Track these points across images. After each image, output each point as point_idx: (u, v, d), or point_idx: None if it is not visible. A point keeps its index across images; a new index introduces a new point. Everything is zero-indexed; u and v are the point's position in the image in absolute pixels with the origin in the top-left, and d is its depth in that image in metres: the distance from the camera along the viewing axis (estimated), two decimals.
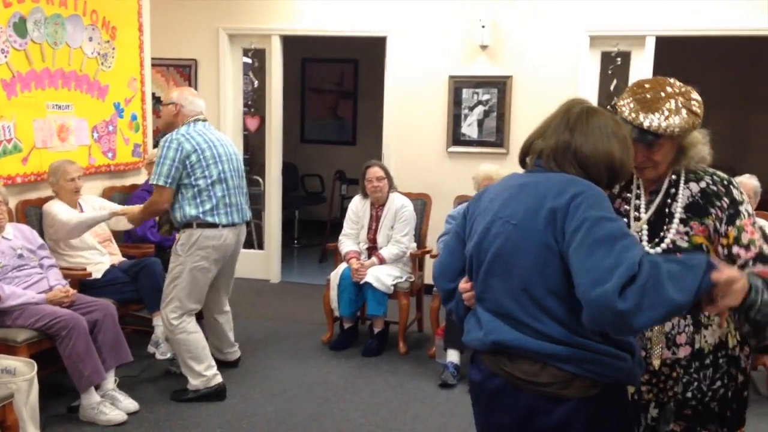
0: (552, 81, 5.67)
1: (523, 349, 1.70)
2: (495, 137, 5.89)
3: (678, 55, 5.96)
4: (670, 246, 1.89)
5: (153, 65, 5.65)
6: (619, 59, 5.71)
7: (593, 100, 5.76)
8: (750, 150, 7.80)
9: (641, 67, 5.59)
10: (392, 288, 4.66)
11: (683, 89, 1.92)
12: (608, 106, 1.95)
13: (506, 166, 4.80)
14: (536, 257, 1.68)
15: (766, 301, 1.66)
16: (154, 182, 3.71)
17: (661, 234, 1.92)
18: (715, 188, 1.92)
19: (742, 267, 1.82)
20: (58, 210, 4.10)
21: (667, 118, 1.85)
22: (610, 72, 5.77)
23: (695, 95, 1.92)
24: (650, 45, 5.56)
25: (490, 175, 4.49)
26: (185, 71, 6.51)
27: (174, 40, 6.35)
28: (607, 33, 5.64)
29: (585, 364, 1.66)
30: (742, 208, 1.89)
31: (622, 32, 5.61)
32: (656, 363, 1.91)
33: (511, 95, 5.82)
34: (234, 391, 4.00)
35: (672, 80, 1.95)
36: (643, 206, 1.98)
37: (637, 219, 1.97)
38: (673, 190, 1.96)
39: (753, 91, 7.99)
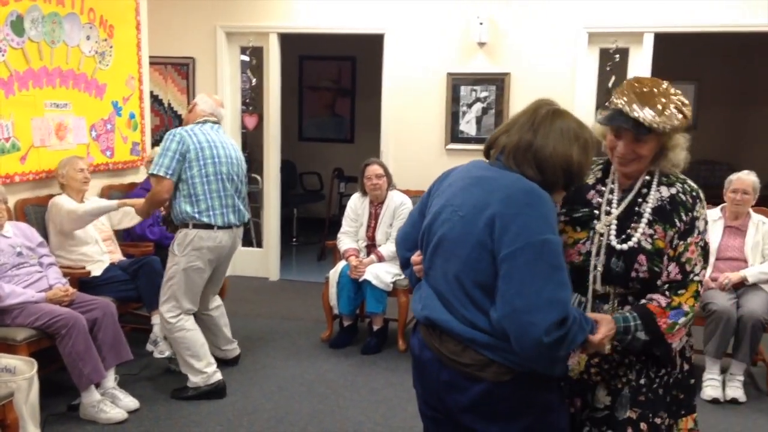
0: (550, 78, 5.67)
1: (449, 330, 1.84)
2: None
3: (676, 51, 5.96)
4: (636, 246, 1.95)
5: (151, 64, 5.65)
6: (617, 56, 5.71)
7: (591, 96, 5.77)
8: (748, 145, 7.81)
9: (639, 63, 5.59)
10: (391, 285, 4.66)
11: (677, 91, 1.97)
12: (606, 103, 1.96)
13: None
14: (471, 251, 1.78)
15: (637, 337, 1.91)
16: (154, 172, 3.71)
17: (628, 231, 1.98)
18: (684, 197, 1.98)
19: (662, 285, 1.96)
20: (64, 201, 4.13)
21: (661, 113, 1.89)
22: (608, 69, 5.77)
23: (685, 99, 1.97)
24: (648, 41, 5.56)
25: None
26: (183, 69, 6.50)
27: (172, 39, 6.34)
28: (605, 30, 5.65)
29: (501, 352, 1.77)
30: (697, 224, 1.96)
31: (620, 29, 5.61)
32: (607, 348, 1.94)
33: (509, 92, 5.83)
34: (234, 388, 4.01)
35: (664, 82, 1.99)
36: (615, 201, 2.03)
37: (608, 213, 2.02)
38: (644, 191, 2.01)
39: (751, 87, 8.00)
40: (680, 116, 1.91)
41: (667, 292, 1.95)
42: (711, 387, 4.01)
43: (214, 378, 3.90)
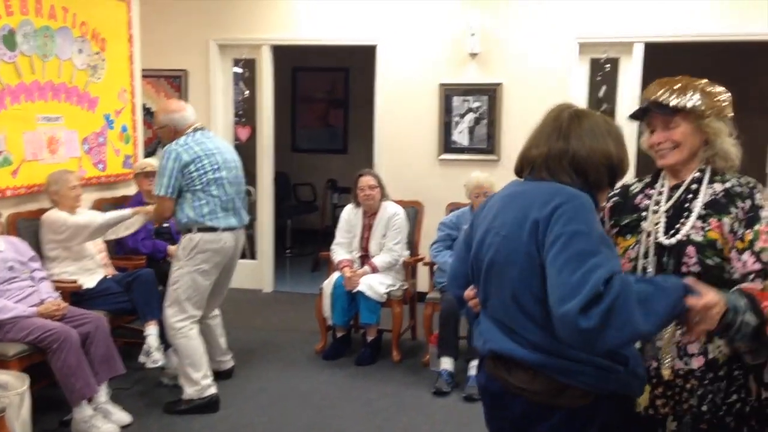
0: (542, 88, 5.69)
1: (515, 359, 1.73)
2: (486, 144, 5.91)
3: (666, 61, 5.99)
4: (684, 239, 1.86)
5: (143, 76, 5.65)
6: (608, 65, 5.75)
7: (583, 105, 5.76)
8: (742, 154, 7.85)
9: (630, 73, 5.63)
10: (385, 296, 4.66)
11: (710, 83, 1.96)
12: (598, 112, 1.97)
13: (497, 174, 4.83)
14: (522, 267, 1.70)
15: (746, 321, 1.66)
16: (156, 192, 3.83)
17: (677, 227, 1.89)
18: (739, 189, 1.89)
19: (742, 278, 1.80)
20: (68, 216, 4.13)
21: (682, 92, 1.89)
22: (599, 78, 5.80)
23: (721, 89, 1.96)
24: (638, 51, 5.60)
25: (481, 184, 4.51)
26: (176, 82, 6.51)
27: (164, 51, 6.35)
28: (596, 40, 5.68)
29: (575, 375, 1.67)
30: (762, 213, 1.85)
31: (611, 39, 5.65)
32: (666, 373, 1.86)
33: (501, 102, 5.85)
34: (228, 402, 3.99)
35: (702, 79, 1.98)
36: (663, 200, 1.96)
37: (656, 212, 1.95)
38: (695, 186, 1.93)
39: (742, 96, 8.04)
40: (705, 97, 1.89)
41: (755, 281, 1.77)
42: None
43: (208, 391, 3.88)
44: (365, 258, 4.85)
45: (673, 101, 1.89)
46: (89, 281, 4.13)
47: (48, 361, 3.46)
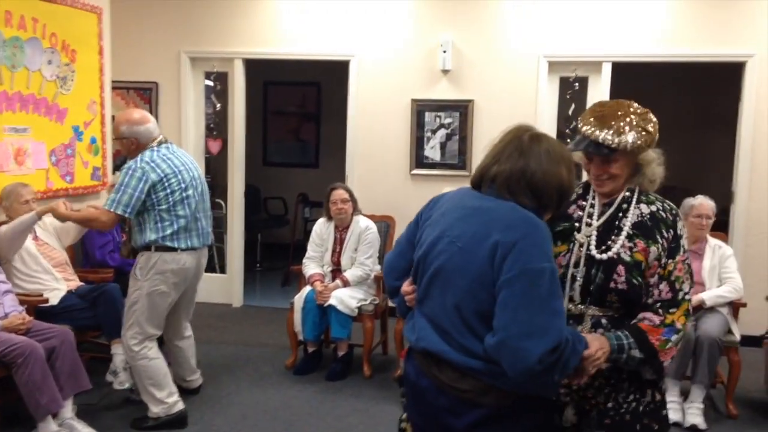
0: (512, 105, 5.77)
1: (447, 360, 1.85)
2: (457, 160, 5.96)
3: (634, 80, 6.12)
4: (615, 257, 2.00)
5: (113, 88, 5.60)
6: (576, 84, 5.84)
7: (552, 123, 5.88)
8: (703, 171, 8.01)
9: (598, 91, 5.73)
10: (356, 311, 4.65)
11: (640, 110, 2.06)
12: (567, 130, 2.02)
13: None
14: (472, 281, 1.81)
15: (632, 356, 1.95)
16: (111, 209, 3.55)
17: (609, 243, 2.04)
18: (664, 215, 2.05)
19: (652, 304, 2.01)
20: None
21: (620, 133, 1.98)
22: (568, 96, 5.89)
23: (652, 116, 2.06)
24: (607, 70, 5.71)
25: None
26: (146, 94, 6.46)
27: (135, 63, 6.30)
28: (565, 59, 5.78)
29: (500, 377, 1.78)
30: (681, 242, 2.04)
31: (580, 58, 5.75)
32: (602, 365, 1.98)
33: (472, 119, 5.91)
34: (196, 417, 3.94)
35: (631, 102, 2.07)
36: (596, 215, 2.10)
37: (588, 225, 2.08)
38: (625, 206, 2.08)
39: (707, 114, 8.23)
40: (641, 133, 1.99)
41: (660, 311, 2.00)
42: (672, 410, 4.06)
43: (175, 408, 3.82)
44: (337, 272, 4.84)
45: (614, 142, 1.98)
46: (50, 299, 4.03)
47: (13, 375, 3.38)
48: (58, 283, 4.18)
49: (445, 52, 5.82)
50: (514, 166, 1.86)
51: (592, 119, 2.03)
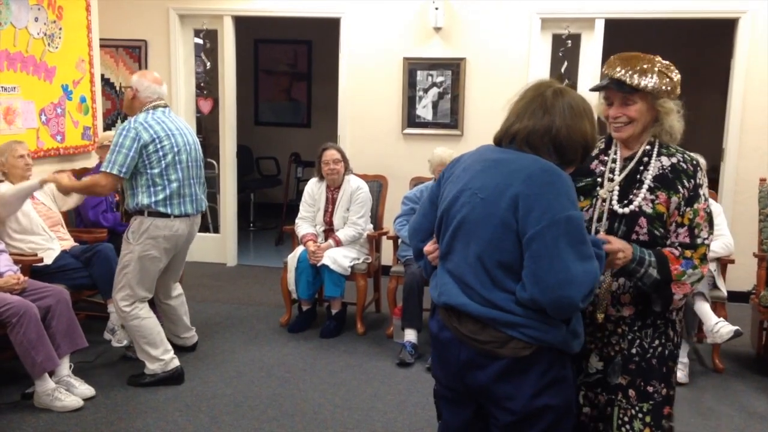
0: (505, 63, 5.73)
1: (468, 312, 1.88)
2: (449, 119, 5.94)
3: (626, 37, 6.08)
4: (636, 209, 2.05)
5: (102, 46, 5.54)
6: (569, 41, 5.81)
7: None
8: (696, 130, 8.03)
9: (591, 49, 5.70)
10: (349, 269, 4.69)
11: (665, 62, 2.10)
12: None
13: (460, 148, 4.86)
14: (494, 232, 1.82)
15: (649, 274, 2.00)
16: (107, 170, 3.59)
17: (630, 196, 2.08)
18: (685, 165, 2.09)
19: (671, 245, 2.05)
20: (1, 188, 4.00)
21: (643, 73, 2.02)
22: (560, 54, 5.86)
23: (674, 69, 2.09)
24: (599, 27, 5.67)
25: (444, 160, 4.53)
26: (135, 52, 6.38)
27: (123, 21, 6.22)
28: (558, 15, 5.73)
29: (520, 328, 1.82)
30: (701, 192, 2.07)
31: (572, 14, 5.70)
32: (600, 316, 2.09)
33: (465, 77, 5.87)
34: (192, 374, 3.99)
35: (657, 56, 2.11)
36: (617, 170, 2.13)
37: (611, 180, 2.12)
38: (645, 159, 2.11)
39: (699, 72, 8.21)
40: (663, 77, 2.03)
41: (677, 250, 2.04)
42: None
43: (171, 365, 3.88)
44: (329, 232, 4.86)
45: (635, 81, 2.02)
46: (45, 258, 4.04)
47: (8, 334, 3.42)
48: (52, 243, 4.19)
49: (437, 9, 5.75)
50: (538, 123, 1.87)
51: (616, 60, 2.07)
